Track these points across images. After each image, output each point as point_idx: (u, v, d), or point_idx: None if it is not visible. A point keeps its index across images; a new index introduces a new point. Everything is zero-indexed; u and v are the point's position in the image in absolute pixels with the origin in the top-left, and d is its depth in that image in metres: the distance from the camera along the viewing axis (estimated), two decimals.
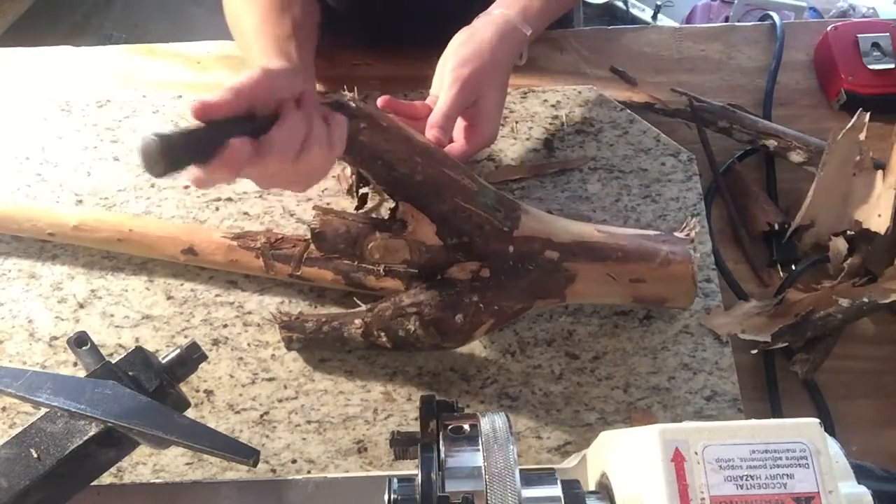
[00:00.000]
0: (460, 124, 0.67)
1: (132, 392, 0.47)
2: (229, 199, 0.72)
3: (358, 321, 0.61)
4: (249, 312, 0.67)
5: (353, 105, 0.57)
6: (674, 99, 0.78)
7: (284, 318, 0.63)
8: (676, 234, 0.64)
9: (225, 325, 0.66)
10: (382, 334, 0.60)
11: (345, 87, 0.63)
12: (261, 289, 0.68)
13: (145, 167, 0.44)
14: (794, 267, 0.70)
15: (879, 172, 0.68)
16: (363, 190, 0.69)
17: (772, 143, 0.73)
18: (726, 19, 1.65)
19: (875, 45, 0.79)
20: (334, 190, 0.73)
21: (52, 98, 0.78)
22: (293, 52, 0.62)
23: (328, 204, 0.72)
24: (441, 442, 0.41)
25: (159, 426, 0.45)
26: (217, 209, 0.72)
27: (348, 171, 0.71)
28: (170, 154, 0.44)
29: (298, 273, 0.64)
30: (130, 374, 0.49)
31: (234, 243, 0.66)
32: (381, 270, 0.61)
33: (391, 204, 0.62)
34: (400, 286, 0.61)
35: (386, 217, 0.62)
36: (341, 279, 0.63)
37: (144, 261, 0.69)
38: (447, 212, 0.59)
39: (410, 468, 0.54)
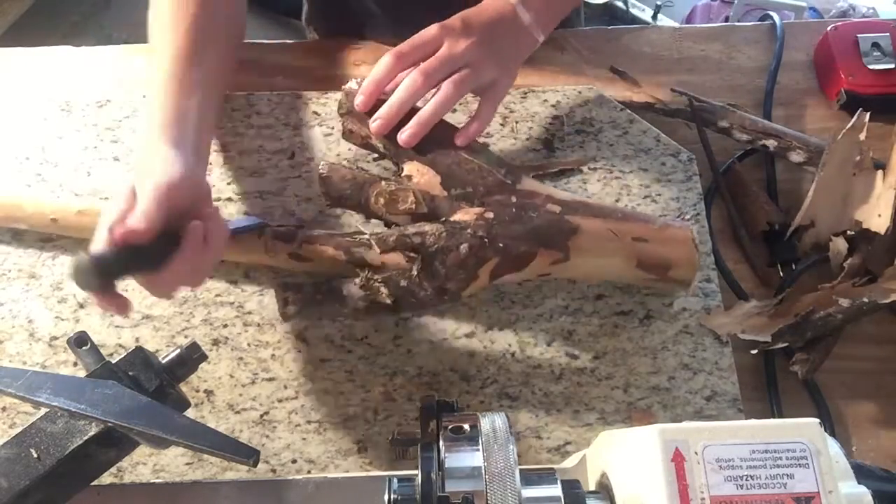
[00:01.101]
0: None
1: (132, 392, 0.47)
2: (229, 199, 0.72)
3: (358, 279, 0.60)
4: (249, 312, 0.67)
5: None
6: (674, 99, 0.78)
7: (282, 283, 0.63)
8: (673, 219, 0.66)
9: (225, 325, 0.66)
10: (382, 287, 0.60)
11: (356, 81, 0.64)
12: (261, 289, 0.68)
13: (77, 283, 0.49)
14: (794, 267, 0.70)
15: (879, 172, 0.68)
16: None
17: (772, 143, 0.73)
18: (726, 19, 1.65)
19: (875, 45, 0.79)
20: None
21: (52, 98, 0.78)
22: (190, 133, 0.59)
23: (328, 204, 0.72)
24: (441, 442, 0.41)
25: (159, 426, 0.45)
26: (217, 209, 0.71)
27: None
28: (103, 271, 0.49)
29: (299, 251, 0.64)
30: (130, 374, 0.49)
31: None
32: (385, 245, 0.60)
33: None
34: (402, 260, 0.61)
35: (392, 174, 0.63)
36: (342, 254, 0.63)
37: None
38: (451, 163, 0.61)
39: (410, 468, 0.54)
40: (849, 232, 0.68)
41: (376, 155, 0.70)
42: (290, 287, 0.62)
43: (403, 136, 0.61)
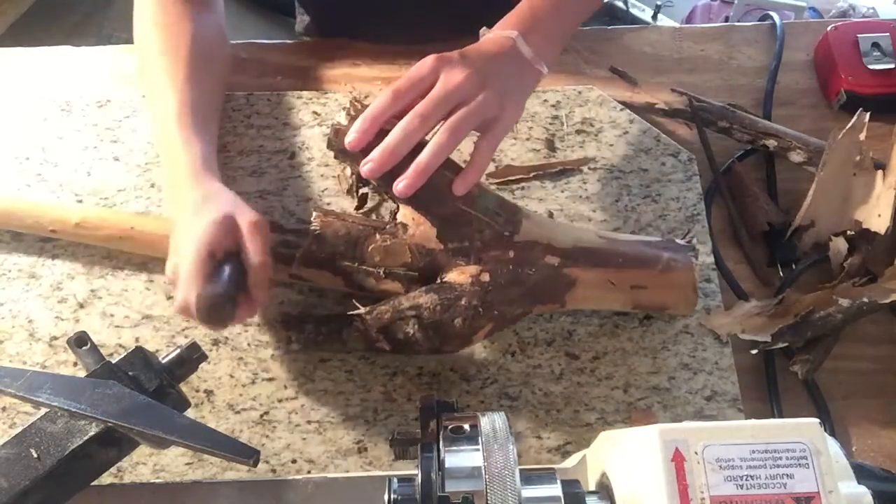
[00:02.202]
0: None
1: (132, 392, 0.47)
2: None
3: (357, 324, 0.61)
4: None
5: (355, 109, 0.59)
6: (674, 99, 0.78)
7: (284, 318, 0.63)
8: (678, 241, 0.64)
9: None
10: (381, 337, 0.60)
11: (352, 89, 0.63)
12: None
13: (212, 323, 0.55)
14: (794, 267, 0.70)
15: (879, 172, 0.68)
16: (363, 190, 0.69)
17: (772, 143, 0.73)
18: (726, 19, 1.65)
19: (875, 45, 0.79)
20: (334, 190, 0.73)
21: (52, 98, 0.78)
22: (214, 163, 0.65)
23: (328, 204, 0.72)
24: (441, 442, 0.41)
25: (159, 426, 0.45)
26: None
27: (348, 171, 0.71)
28: (228, 303, 0.54)
29: (298, 274, 0.64)
30: (130, 374, 0.49)
31: None
32: (382, 273, 0.61)
33: (391, 204, 0.62)
34: (400, 289, 0.61)
35: (386, 219, 0.62)
36: (341, 280, 0.63)
37: (144, 260, 0.69)
38: (448, 215, 0.59)
39: (410, 468, 0.54)
40: (849, 232, 0.68)
41: None
42: (293, 325, 0.63)
43: (399, 186, 0.57)
